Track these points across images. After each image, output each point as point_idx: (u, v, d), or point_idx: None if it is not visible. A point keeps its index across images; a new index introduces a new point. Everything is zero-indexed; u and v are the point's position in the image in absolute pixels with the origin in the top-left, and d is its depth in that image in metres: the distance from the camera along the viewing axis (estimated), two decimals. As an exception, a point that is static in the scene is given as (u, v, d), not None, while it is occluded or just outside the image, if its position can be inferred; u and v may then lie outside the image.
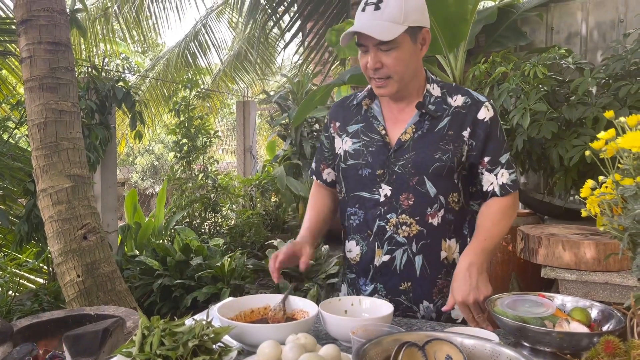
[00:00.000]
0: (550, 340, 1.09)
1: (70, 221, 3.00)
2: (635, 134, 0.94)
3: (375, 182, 1.52)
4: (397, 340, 0.98)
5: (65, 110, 3.08)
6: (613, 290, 2.14)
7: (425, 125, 1.50)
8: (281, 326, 1.23)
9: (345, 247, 1.62)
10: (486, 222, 1.51)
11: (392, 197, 1.50)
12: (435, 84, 1.55)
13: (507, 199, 1.52)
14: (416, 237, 1.50)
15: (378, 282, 1.55)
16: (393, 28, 1.38)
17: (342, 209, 1.64)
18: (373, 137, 1.54)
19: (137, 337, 1.07)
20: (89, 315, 1.77)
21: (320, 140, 1.73)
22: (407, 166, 1.49)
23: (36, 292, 3.73)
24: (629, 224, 0.97)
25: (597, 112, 2.51)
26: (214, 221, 5.93)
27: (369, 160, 1.53)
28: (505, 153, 1.52)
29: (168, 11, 8.34)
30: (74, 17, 3.81)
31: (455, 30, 3.21)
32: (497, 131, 1.52)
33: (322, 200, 1.72)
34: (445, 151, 1.48)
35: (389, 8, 1.38)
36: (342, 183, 1.61)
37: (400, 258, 1.51)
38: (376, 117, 1.56)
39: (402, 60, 1.43)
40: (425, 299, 1.53)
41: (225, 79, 9.80)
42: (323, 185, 1.73)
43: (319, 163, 1.73)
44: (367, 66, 1.45)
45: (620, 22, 3.36)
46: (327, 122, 1.69)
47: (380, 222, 1.51)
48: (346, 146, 1.58)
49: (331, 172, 1.71)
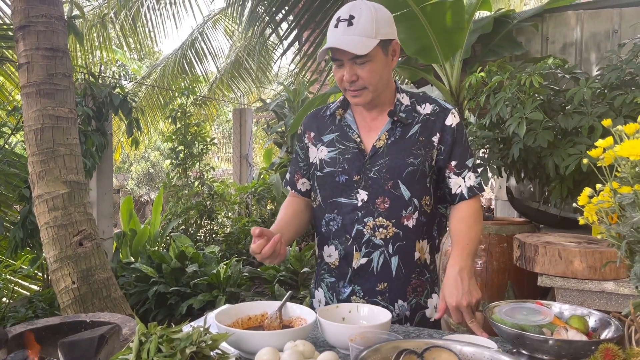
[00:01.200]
0: (549, 348, 1.09)
1: (66, 227, 2.99)
2: (633, 142, 0.94)
3: (353, 188, 1.58)
4: (395, 348, 0.98)
5: (62, 117, 3.07)
6: (609, 298, 2.14)
7: (397, 132, 1.58)
8: (279, 333, 1.22)
9: (324, 252, 1.66)
10: (462, 227, 1.58)
11: (369, 202, 1.56)
12: (404, 93, 1.64)
13: (475, 202, 1.61)
14: (392, 238, 1.56)
15: (356, 284, 1.60)
16: (367, 42, 1.45)
17: (317, 217, 1.68)
18: (348, 145, 1.60)
19: (134, 343, 1.06)
20: (85, 322, 1.75)
21: (295, 151, 1.77)
22: (382, 171, 1.55)
23: (30, 299, 3.70)
24: (627, 232, 0.97)
25: (592, 121, 2.53)
26: (210, 228, 5.92)
27: (345, 167, 1.58)
28: (470, 157, 1.61)
29: (165, 19, 8.36)
30: (71, 24, 3.81)
31: (451, 40, 3.24)
32: (463, 137, 1.61)
33: (296, 207, 1.73)
34: (417, 156, 1.55)
35: (361, 24, 1.45)
36: (317, 191, 1.66)
37: (377, 260, 1.57)
38: (350, 125, 1.63)
39: (376, 72, 1.50)
40: (400, 298, 1.59)
41: (222, 86, 9.81)
42: (297, 195, 1.75)
43: (294, 174, 1.76)
44: (343, 79, 1.51)
45: (614, 33, 3.39)
46: (301, 133, 1.73)
47: (358, 226, 1.57)
48: (322, 155, 1.63)
49: (306, 182, 1.74)
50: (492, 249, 3.11)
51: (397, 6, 3.09)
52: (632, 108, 2.50)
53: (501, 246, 3.11)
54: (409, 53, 3.43)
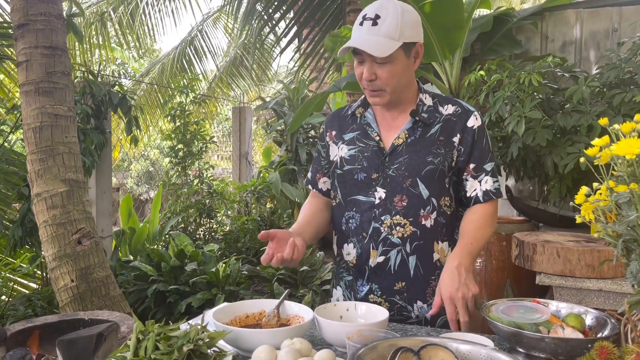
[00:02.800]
0: (545, 346, 1.09)
1: (64, 226, 2.98)
2: (629, 141, 0.94)
3: (371, 186, 1.57)
4: (392, 346, 0.98)
5: (61, 115, 3.07)
6: (607, 297, 2.14)
7: (418, 131, 1.57)
8: (276, 331, 1.22)
9: (343, 250, 1.65)
10: (470, 227, 1.56)
11: (387, 200, 1.55)
12: (427, 94, 1.63)
13: (490, 206, 1.58)
14: (410, 237, 1.54)
15: (373, 282, 1.58)
16: (389, 44, 1.44)
17: (337, 214, 1.67)
18: (368, 143, 1.60)
19: (132, 341, 1.06)
20: (83, 320, 1.75)
21: (317, 150, 1.77)
22: (401, 169, 1.54)
23: (30, 297, 3.70)
24: (623, 230, 0.97)
25: (591, 120, 2.53)
26: (209, 227, 5.92)
27: (364, 164, 1.58)
28: (490, 162, 1.59)
29: (164, 15, 8.35)
30: (70, 22, 3.80)
31: (451, 38, 3.24)
32: (483, 140, 1.59)
33: (316, 207, 1.73)
34: (436, 155, 1.54)
35: (385, 24, 1.44)
36: (337, 189, 1.66)
37: (394, 258, 1.55)
38: (370, 124, 1.62)
39: (396, 74, 1.50)
40: (419, 299, 1.57)
41: (221, 84, 9.80)
42: (319, 194, 1.76)
43: (316, 172, 1.76)
44: (362, 77, 1.51)
45: (614, 31, 3.39)
46: (322, 132, 1.75)
47: (375, 224, 1.56)
48: (342, 153, 1.63)
49: (327, 181, 1.74)
50: (491, 248, 3.11)
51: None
52: (631, 107, 2.50)
53: (500, 245, 3.11)
54: (408, 51, 3.43)
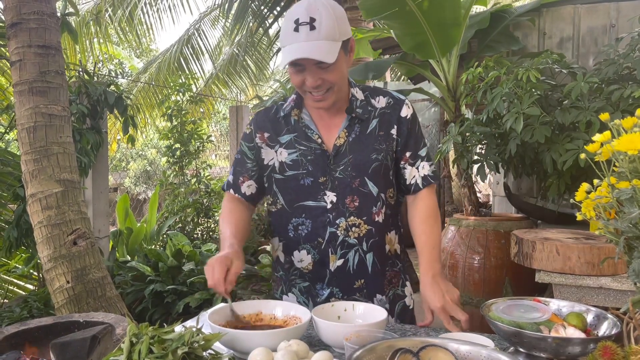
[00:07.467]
0: (546, 346, 1.07)
1: (59, 226, 2.96)
2: (631, 136, 0.92)
3: (319, 190, 1.54)
4: (391, 347, 0.96)
5: (55, 114, 3.04)
6: (607, 294, 2.13)
7: (356, 128, 1.56)
8: (273, 333, 1.20)
9: (294, 257, 1.59)
10: (425, 229, 1.56)
11: (338, 202, 1.53)
12: (357, 87, 1.60)
13: (431, 197, 1.59)
14: (366, 236, 1.55)
15: (334, 285, 1.58)
16: (333, 47, 1.39)
17: (280, 221, 1.60)
18: (310, 146, 1.55)
19: (125, 344, 1.04)
20: (78, 322, 1.73)
21: (240, 152, 1.65)
22: (347, 170, 1.53)
23: (26, 299, 3.68)
24: (625, 227, 0.95)
25: (590, 116, 2.51)
26: (207, 226, 5.90)
27: (309, 169, 1.54)
28: (423, 147, 1.61)
29: (162, 13, 8.32)
30: (65, 21, 3.78)
31: (448, 35, 3.22)
32: (416, 127, 1.61)
33: (241, 213, 1.62)
34: (379, 151, 1.54)
35: (324, 27, 1.38)
36: (277, 195, 1.59)
37: (352, 259, 1.55)
38: (308, 126, 1.57)
39: (342, 75, 1.48)
40: (377, 293, 1.59)
41: (218, 83, 9.78)
42: (240, 198, 1.64)
43: (238, 176, 1.64)
44: (306, 84, 1.45)
45: (612, 27, 3.38)
46: (250, 133, 1.63)
47: (331, 228, 1.54)
48: (282, 157, 1.57)
49: (252, 185, 1.63)
50: (489, 245, 3.10)
51: (394, 2, 3.07)
52: (629, 102, 2.49)
53: (499, 242, 3.10)
54: (406, 49, 3.41)
